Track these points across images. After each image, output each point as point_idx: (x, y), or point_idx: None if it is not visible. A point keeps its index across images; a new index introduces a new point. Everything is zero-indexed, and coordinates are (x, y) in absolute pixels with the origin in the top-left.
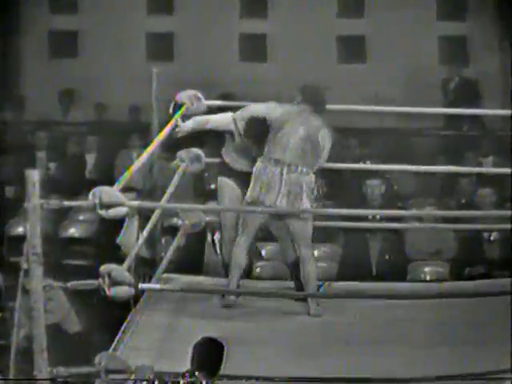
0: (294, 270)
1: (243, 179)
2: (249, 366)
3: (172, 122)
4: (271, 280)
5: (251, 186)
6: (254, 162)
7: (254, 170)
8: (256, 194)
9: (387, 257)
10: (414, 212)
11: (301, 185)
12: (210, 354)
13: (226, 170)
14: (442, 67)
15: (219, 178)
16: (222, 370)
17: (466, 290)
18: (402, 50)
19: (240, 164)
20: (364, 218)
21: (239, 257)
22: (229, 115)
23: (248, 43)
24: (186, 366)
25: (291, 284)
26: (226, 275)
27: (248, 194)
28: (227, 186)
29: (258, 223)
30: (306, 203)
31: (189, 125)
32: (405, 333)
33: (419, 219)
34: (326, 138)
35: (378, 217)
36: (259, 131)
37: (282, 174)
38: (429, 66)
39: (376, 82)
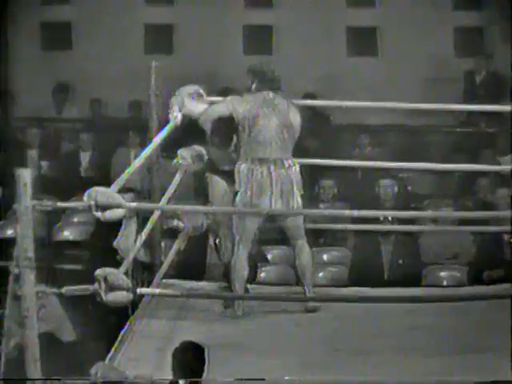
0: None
1: (231, 177)
2: (252, 376)
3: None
4: (277, 285)
5: (240, 190)
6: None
7: (238, 172)
8: (247, 199)
9: (400, 261)
10: (422, 213)
11: (291, 180)
12: (190, 358)
13: (214, 166)
14: (458, 60)
15: (208, 175)
16: (206, 374)
17: (484, 295)
18: (416, 42)
19: (225, 164)
20: (376, 220)
21: (240, 268)
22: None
23: (253, 35)
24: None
25: (297, 289)
26: (226, 275)
27: (238, 198)
28: (217, 183)
29: (255, 229)
30: (297, 198)
31: (176, 110)
32: (418, 341)
33: (435, 221)
34: (296, 116)
35: (389, 218)
36: (226, 132)
37: (270, 173)
38: (444, 59)
39: (388, 76)
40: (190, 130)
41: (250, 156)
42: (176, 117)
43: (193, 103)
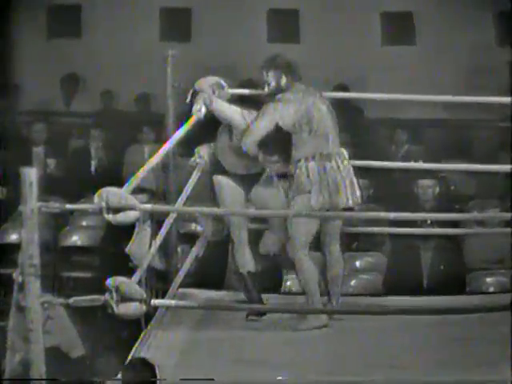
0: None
1: (242, 180)
2: None
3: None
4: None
5: (314, 189)
6: (257, 162)
7: (306, 171)
8: (325, 199)
9: (442, 267)
10: (462, 215)
11: (352, 170)
12: (140, 377)
13: (223, 169)
14: (500, 49)
15: (215, 177)
16: None
17: None
18: (456, 28)
19: (241, 167)
20: (414, 223)
21: (315, 270)
22: (238, 114)
23: (278, 20)
24: None
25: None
26: (244, 286)
27: (314, 199)
28: (228, 185)
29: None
30: (359, 191)
31: (201, 103)
32: (460, 353)
33: (480, 223)
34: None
35: (429, 221)
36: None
37: (338, 167)
38: (486, 48)
39: (426, 66)
40: (208, 126)
41: (318, 151)
42: (200, 110)
43: (225, 104)
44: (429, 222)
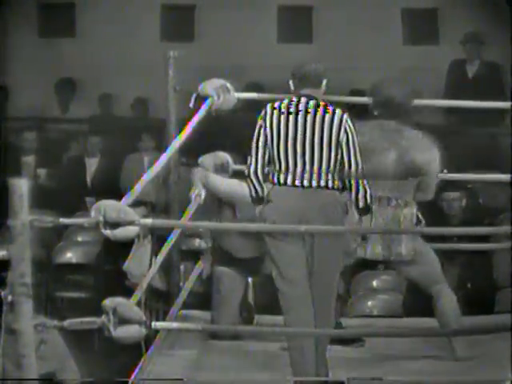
0: None
1: (247, 265)
2: None
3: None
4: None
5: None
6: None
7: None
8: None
9: (469, 285)
10: (483, 229)
11: (398, 220)
12: None
13: (224, 254)
14: None
15: (216, 268)
16: None
17: None
18: (482, 26)
19: (248, 249)
20: (438, 238)
21: None
22: (238, 185)
23: (289, 18)
24: None
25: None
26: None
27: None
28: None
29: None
30: (407, 244)
31: (200, 189)
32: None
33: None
34: (425, 151)
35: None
36: None
37: (374, 213)
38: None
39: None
40: (213, 133)
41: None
42: (200, 194)
43: (220, 179)
44: (455, 238)
